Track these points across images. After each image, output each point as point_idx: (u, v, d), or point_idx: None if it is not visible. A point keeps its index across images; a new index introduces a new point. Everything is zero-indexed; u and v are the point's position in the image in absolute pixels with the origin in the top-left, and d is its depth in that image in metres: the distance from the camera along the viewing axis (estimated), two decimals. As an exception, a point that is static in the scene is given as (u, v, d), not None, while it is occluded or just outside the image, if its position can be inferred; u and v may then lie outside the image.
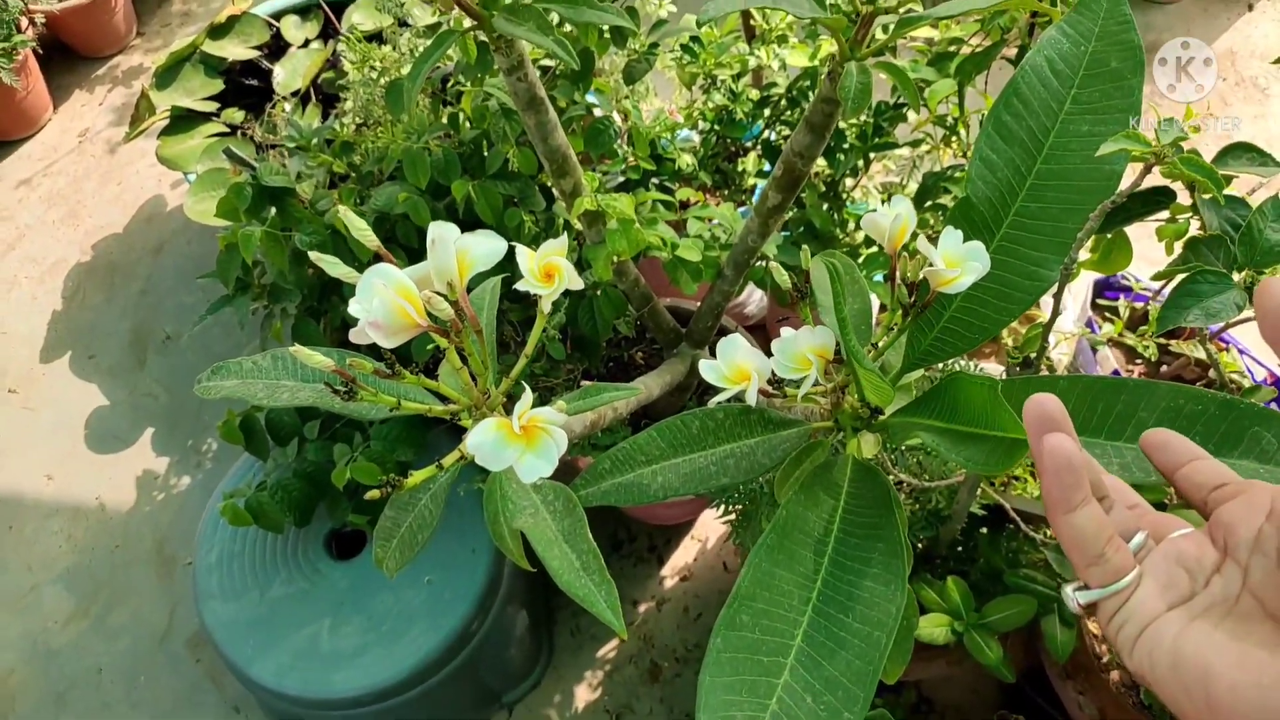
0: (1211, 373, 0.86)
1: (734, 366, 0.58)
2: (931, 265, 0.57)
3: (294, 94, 1.73)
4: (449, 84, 1.30)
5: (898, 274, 0.61)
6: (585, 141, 1.04)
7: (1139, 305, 1.44)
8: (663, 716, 1.44)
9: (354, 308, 0.44)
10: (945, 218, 0.71)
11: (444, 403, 0.55)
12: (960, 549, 1.18)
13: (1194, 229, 0.82)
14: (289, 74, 1.74)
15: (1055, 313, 0.64)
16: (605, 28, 1.04)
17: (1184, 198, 0.80)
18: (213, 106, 1.75)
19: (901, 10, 0.73)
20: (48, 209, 2.23)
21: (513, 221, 1.02)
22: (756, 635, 0.52)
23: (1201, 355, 1.20)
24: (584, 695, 1.46)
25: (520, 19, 0.68)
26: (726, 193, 1.41)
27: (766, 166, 1.36)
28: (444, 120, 1.12)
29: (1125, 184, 0.70)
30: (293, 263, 1.08)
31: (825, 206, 1.28)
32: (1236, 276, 0.61)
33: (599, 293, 1.05)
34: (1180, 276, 0.59)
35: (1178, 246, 0.78)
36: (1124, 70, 0.63)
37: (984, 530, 1.16)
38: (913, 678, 1.35)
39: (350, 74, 1.18)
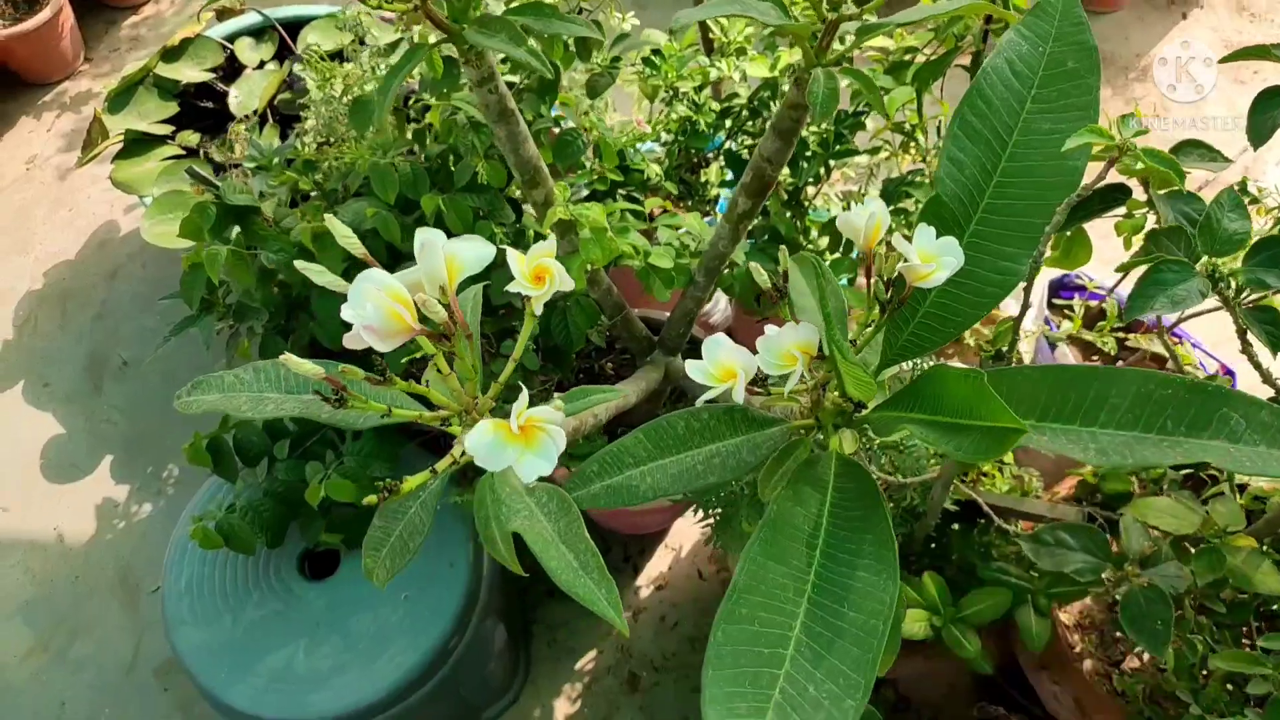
0: (1170, 365, 0.89)
1: (719, 365, 0.58)
2: (907, 261, 0.58)
3: (251, 115, 1.72)
4: (412, 100, 1.29)
5: (874, 271, 0.63)
6: (553, 153, 1.05)
7: (1093, 304, 1.48)
8: (643, 727, 1.44)
9: (346, 313, 0.44)
10: (915, 216, 0.72)
11: (432, 410, 0.55)
12: (934, 545, 1.19)
13: (1150, 223, 0.84)
14: (245, 95, 1.73)
15: (1025, 305, 0.66)
16: (570, 41, 1.05)
17: (1139, 193, 0.83)
18: (168, 129, 1.73)
19: (863, 18, 0.75)
20: (-5, 237, 2.18)
21: (483, 233, 1.02)
22: (755, 628, 0.52)
23: (1159, 349, 1.24)
24: (563, 708, 1.46)
25: (492, 30, 0.69)
26: (690, 203, 1.43)
27: (729, 175, 1.37)
28: (409, 136, 1.12)
29: (1087, 180, 0.72)
30: (259, 281, 1.07)
31: (789, 214, 1.29)
32: (1197, 265, 0.63)
33: (572, 302, 1.05)
34: (1144, 267, 0.62)
35: (1136, 241, 0.81)
36: (1081, 70, 0.66)
37: (956, 526, 1.18)
38: (891, 675, 1.37)
39: (312, 93, 1.17)
